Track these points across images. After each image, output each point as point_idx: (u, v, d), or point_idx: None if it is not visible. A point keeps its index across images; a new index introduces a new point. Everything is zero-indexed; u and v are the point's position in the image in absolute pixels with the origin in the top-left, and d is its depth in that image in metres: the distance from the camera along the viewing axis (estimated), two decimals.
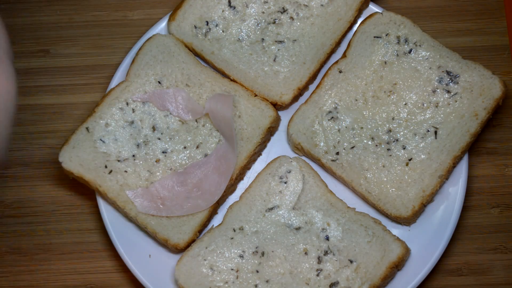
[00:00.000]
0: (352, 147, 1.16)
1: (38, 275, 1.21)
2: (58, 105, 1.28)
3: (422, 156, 1.15)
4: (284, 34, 1.22)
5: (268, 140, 1.22)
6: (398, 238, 1.12)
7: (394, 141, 1.16)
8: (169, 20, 1.24)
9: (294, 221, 1.14)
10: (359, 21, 1.24)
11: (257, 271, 1.12)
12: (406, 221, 1.14)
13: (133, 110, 1.19)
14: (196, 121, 1.19)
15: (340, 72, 1.20)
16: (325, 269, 1.11)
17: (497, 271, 1.19)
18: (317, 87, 1.20)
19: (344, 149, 1.17)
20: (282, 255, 1.12)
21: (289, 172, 1.16)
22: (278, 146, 1.22)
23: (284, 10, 1.23)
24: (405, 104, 1.17)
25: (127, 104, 1.19)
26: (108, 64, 1.29)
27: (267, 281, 1.11)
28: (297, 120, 1.19)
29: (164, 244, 1.15)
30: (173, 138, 1.18)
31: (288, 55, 1.22)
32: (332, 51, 1.23)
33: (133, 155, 1.17)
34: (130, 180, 1.16)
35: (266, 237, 1.13)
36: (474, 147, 1.23)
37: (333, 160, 1.17)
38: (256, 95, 1.20)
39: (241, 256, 1.12)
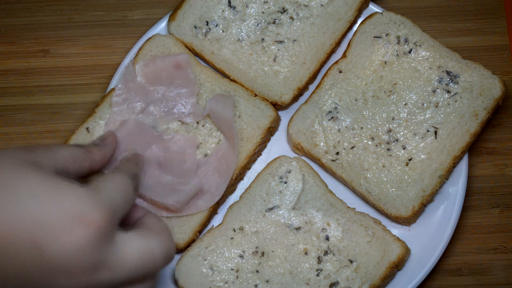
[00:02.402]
0: (352, 147, 1.16)
1: None
2: (58, 105, 1.28)
3: (422, 156, 1.15)
4: (284, 34, 1.22)
5: (268, 140, 1.22)
6: (398, 238, 1.12)
7: (394, 141, 1.16)
8: (169, 20, 1.24)
9: (294, 221, 1.14)
10: (359, 21, 1.24)
11: (257, 271, 1.12)
12: (406, 221, 1.14)
13: None
14: (197, 121, 1.19)
15: (340, 72, 1.20)
16: (325, 269, 1.11)
17: (497, 271, 1.19)
18: (317, 87, 1.20)
19: (344, 149, 1.17)
20: (282, 255, 1.12)
21: (289, 172, 1.16)
22: (278, 146, 1.22)
23: (284, 10, 1.23)
24: (405, 104, 1.17)
25: None
26: (108, 64, 1.29)
27: (267, 281, 1.11)
28: (297, 120, 1.19)
29: None
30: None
31: (288, 55, 1.21)
32: (332, 51, 1.23)
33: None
34: None
35: (266, 237, 1.13)
36: (474, 147, 1.23)
37: (333, 160, 1.16)
38: (256, 95, 1.20)
39: (241, 256, 1.12)
